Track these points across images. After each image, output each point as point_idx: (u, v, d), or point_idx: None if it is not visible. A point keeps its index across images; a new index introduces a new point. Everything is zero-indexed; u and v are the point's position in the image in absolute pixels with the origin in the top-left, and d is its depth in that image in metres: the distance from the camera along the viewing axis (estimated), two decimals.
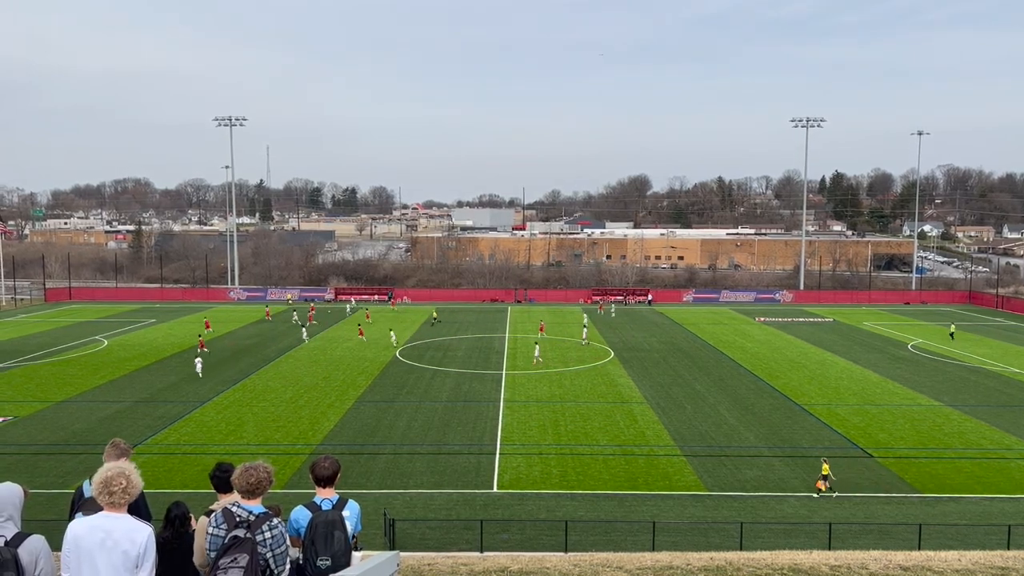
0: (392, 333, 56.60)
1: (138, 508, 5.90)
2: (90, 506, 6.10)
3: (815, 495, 25.33)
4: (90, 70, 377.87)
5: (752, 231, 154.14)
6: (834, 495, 25.35)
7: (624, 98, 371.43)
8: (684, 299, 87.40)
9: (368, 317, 67.51)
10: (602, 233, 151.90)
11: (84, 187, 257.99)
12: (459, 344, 55.51)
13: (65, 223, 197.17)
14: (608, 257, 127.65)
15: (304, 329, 57.74)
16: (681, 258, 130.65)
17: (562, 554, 18.38)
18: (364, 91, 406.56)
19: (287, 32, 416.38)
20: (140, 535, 5.18)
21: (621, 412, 36.04)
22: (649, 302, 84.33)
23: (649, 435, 32.33)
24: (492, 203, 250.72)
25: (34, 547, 5.41)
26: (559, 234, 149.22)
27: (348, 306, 77.95)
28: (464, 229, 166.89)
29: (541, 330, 59.65)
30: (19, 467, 27.29)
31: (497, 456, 29.31)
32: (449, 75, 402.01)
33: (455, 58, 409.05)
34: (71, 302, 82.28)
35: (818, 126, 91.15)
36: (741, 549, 19.97)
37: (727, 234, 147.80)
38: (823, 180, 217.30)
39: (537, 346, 50.16)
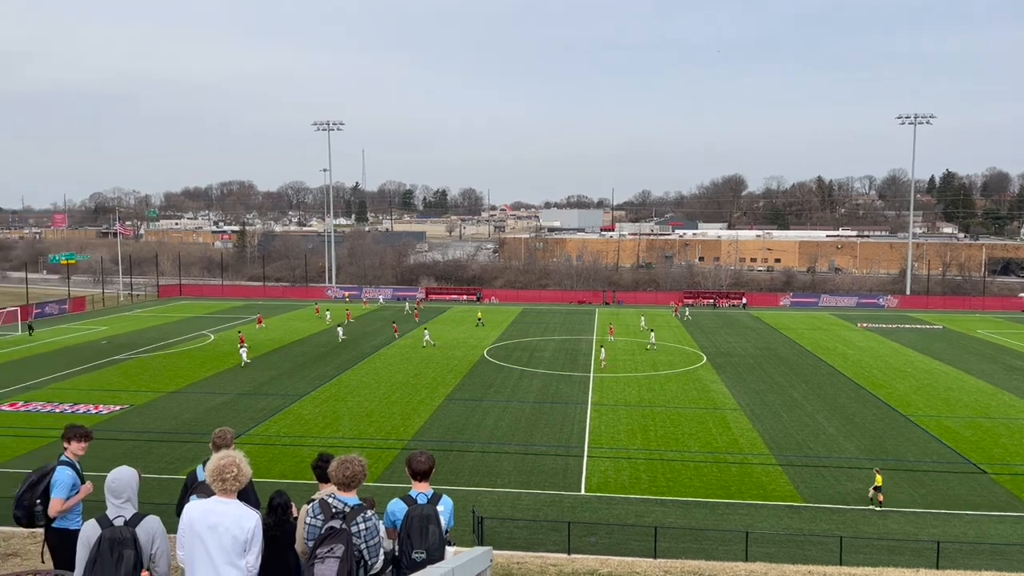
0: (340, 328, 57.55)
1: (247, 494, 6.16)
2: (202, 489, 6.44)
3: (876, 507, 24.23)
4: (196, 78, 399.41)
5: (854, 233, 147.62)
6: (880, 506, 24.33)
7: (717, 95, 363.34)
8: (781, 303, 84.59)
9: (349, 317, 67.57)
10: (694, 234, 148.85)
11: (193, 189, 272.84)
12: (546, 345, 55.53)
13: (176, 223, 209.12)
14: (700, 259, 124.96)
15: (340, 328, 58.59)
16: (778, 260, 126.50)
17: (652, 560, 18.09)
18: (457, 93, 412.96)
19: (384, 38, 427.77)
20: (248, 521, 5.42)
21: (713, 418, 35.20)
22: (744, 306, 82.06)
23: (743, 443, 31.43)
24: (580, 204, 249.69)
25: (151, 527, 5.74)
26: (649, 235, 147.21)
27: (406, 304, 78.55)
28: (552, 230, 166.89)
29: (610, 333, 58.86)
30: (134, 453, 29.02)
31: (585, 459, 29.13)
32: (539, 75, 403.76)
33: (546, 58, 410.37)
34: (181, 298, 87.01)
35: (927, 123, 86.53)
36: (841, 564, 19.16)
37: (827, 235, 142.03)
38: (932, 179, 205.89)
39: (603, 349, 49.28)
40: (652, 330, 58.14)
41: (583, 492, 25.71)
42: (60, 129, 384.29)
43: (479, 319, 66.78)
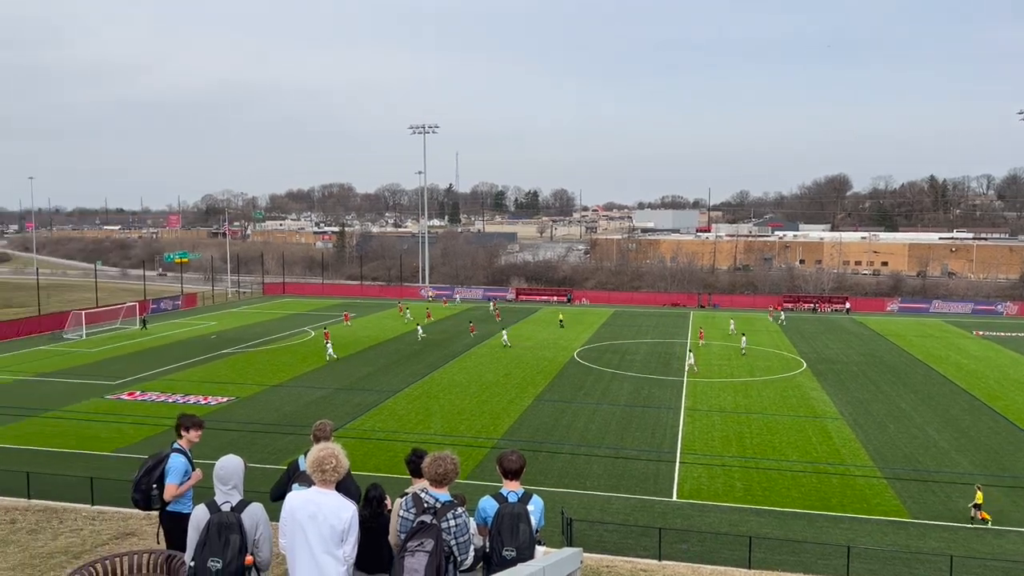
0: (420, 327, 58.62)
1: (347, 485, 6.37)
2: (304, 479, 6.72)
3: (986, 524, 22.84)
4: (298, 85, 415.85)
5: (970, 235, 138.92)
6: (988, 523, 22.91)
7: (820, 91, 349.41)
8: (888, 308, 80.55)
9: (429, 316, 68.35)
10: (795, 236, 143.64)
11: (296, 191, 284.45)
12: (637, 348, 54.84)
13: (280, 224, 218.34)
14: (801, 261, 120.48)
15: (420, 328, 59.18)
16: (885, 264, 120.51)
17: (746, 570, 17.62)
18: (549, 94, 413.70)
19: (477, 41, 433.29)
20: (346, 513, 5.60)
21: (813, 427, 33.89)
22: (847, 311, 78.61)
23: (844, 453, 30.12)
24: (675, 204, 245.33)
25: (255, 513, 6.02)
26: (747, 236, 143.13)
27: (491, 304, 78.72)
28: (645, 231, 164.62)
29: (700, 337, 57.41)
30: (239, 442, 30.43)
31: (677, 464, 28.61)
32: (633, 74, 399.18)
33: (638, 58, 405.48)
34: (284, 296, 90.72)
35: None
36: None
37: (940, 238, 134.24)
38: None
39: (691, 354, 47.90)
40: (743, 334, 56.28)
41: (675, 498, 25.26)
42: (176, 135, 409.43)
43: (560, 320, 66.85)
